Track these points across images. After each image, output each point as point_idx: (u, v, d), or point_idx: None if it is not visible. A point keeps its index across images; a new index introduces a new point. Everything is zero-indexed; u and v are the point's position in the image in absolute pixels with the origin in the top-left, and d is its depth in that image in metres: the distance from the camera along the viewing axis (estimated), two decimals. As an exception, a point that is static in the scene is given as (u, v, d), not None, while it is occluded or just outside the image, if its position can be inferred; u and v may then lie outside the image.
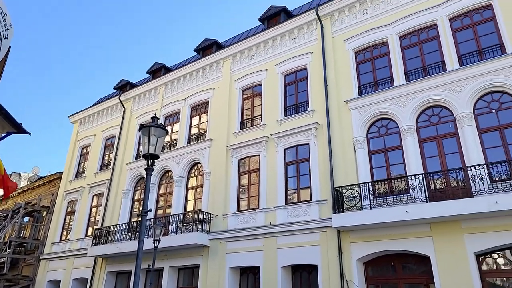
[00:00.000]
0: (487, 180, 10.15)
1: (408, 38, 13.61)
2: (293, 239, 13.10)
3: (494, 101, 11.37)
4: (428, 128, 12.21)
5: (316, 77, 15.01)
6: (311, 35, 15.90)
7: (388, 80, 13.42)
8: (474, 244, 10.09)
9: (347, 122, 13.54)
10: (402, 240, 11.11)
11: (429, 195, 10.84)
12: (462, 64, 12.10)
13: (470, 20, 12.57)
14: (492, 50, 11.75)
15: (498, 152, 10.79)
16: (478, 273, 9.96)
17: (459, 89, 11.75)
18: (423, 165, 11.74)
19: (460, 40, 12.50)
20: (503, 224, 9.88)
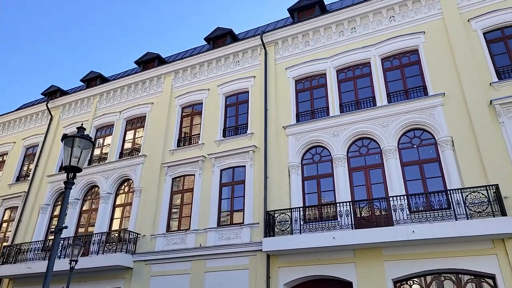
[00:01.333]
0: (407, 210, 10.84)
1: (344, 73, 14.45)
2: (222, 263, 12.78)
3: (416, 137, 12.33)
4: (357, 158, 12.86)
5: (257, 101, 15.25)
6: (255, 59, 16.26)
7: (324, 110, 14.03)
8: (392, 271, 10.62)
9: (284, 147, 13.82)
10: (328, 265, 11.36)
11: (355, 222, 11.28)
12: (390, 101, 13.05)
13: (399, 61, 13.71)
14: (417, 91, 12.86)
15: (417, 184, 11.62)
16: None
17: (387, 124, 12.60)
18: (351, 193, 12.26)
19: (390, 79, 13.53)
20: (419, 252, 10.53)
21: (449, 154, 11.40)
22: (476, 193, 10.15)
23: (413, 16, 13.89)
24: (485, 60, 12.13)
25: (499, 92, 11.52)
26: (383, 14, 14.34)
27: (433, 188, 11.38)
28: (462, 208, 10.20)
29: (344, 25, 14.89)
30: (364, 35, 14.44)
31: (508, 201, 10.05)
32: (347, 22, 14.82)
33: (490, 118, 11.27)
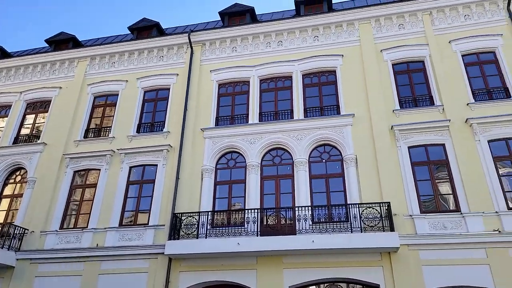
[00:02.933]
0: (309, 221, 11.31)
1: (267, 83, 14.76)
2: (120, 265, 11.98)
3: (325, 152, 13.02)
4: (270, 167, 13.13)
5: (177, 99, 14.81)
6: (180, 57, 15.83)
7: (244, 117, 14.13)
8: (290, 278, 10.96)
9: (200, 149, 13.57)
10: (230, 271, 11.31)
11: (261, 230, 11.43)
12: (306, 116, 13.62)
13: (318, 79, 14.44)
14: (331, 109, 13.62)
15: (321, 197, 12.22)
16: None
17: (301, 137, 13.11)
18: (260, 200, 12.44)
19: (308, 95, 14.15)
20: (317, 261, 11.03)
21: (352, 171, 12.22)
22: (371, 209, 10.98)
23: (335, 39, 14.79)
24: (391, 89, 13.35)
25: (400, 119, 12.73)
26: (308, 33, 15.02)
27: (336, 201, 12.07)
28: (358, 221, 10.95)
29: (271, 37, 15.27)
30: (290, 49, 14.97)
31: (397, 218, 11.06)
32: (275, 35, 15.24)
33: (390, 142, 12.38)
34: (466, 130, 12.12)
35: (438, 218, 11.12)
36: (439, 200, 11.69)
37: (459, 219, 11.01)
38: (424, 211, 11.40)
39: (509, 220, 10.67)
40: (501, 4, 13.81)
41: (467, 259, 10.46)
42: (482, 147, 11.83)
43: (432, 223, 11.09)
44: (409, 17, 14.43)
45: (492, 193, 11.12)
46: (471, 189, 11.24)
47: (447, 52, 13.53)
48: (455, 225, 10.96)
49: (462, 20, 14.04)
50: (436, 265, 10.52)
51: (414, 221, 11.14)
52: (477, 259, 10.42)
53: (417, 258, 10.67)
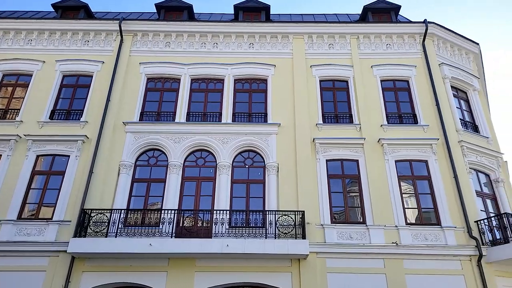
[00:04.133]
0: (226, 225, 11.31)
1: (198, 83, 14.56)
2: (15, 262, 10.82)
3: (249, 158, 13.18)
4: (193, 168, 12.92)
5: (101, 89, 13.92)
6: (107, 44, 14.94)
7: (171, 115, 13.75)
8: (202, 282, 10.82)
9: (120, 144, 12.88)
10: (139, 273, 10.83)
11: (176, 231, 11.15)
12: (234, 120, 13.68)
13: (249, 86, 14.62)
14: (259, 116, 13.86)
15: (241, 202, 12.32)
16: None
17: (227, 141, 13.12)
18: (179, 201, 12.16)
19: (238, 100, 14.23)
20: (231, 265, 11.05)
21: (273, 179, 12.53)
22: (287, 216, 11.33)
23: (269, 49, 15.14)
24: (316, 103, 14.00)
25: (322, 133, 13.39)
26: (244, 39, 15.17)
27: (254, 207, 12.25)
28: (273, 228, 11.23)
29: (207, 37, 15.14)
30: (224, 53, 14.97)
31: (310, 226, 11.55)
32: (211, 36, 15.13)
33: (310, 153, 12.94)
34: (378, 149, 13.14)
35: (346, 229, 11.85)
36: (348, 212, 12.49)
37: (364, 230, 11.85)
38: (335, 222, 12.09)
39: (406, 234, 11.75)
40: (418, 39, 15.31)
41: (367, 268, 11.27)
42: (390, 166, 12.92)
43: (340, 233, 11.78)
44: (338, 38, 15.31)
45: (394, 208, 12.17)
46: (377, 203, 12.18)
47: (368, 76, 14.60)
48: (360, 236, 11.77)
49: (384, 48, 15.28)
50: (340, 273, 11.17)
51: (324, 230, 11.74)
52: (376, 269, 11.29)
53: (323, 265, 11.24)
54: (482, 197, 13.01)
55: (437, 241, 11.71)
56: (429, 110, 13.92)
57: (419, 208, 12.50)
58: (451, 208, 12.17)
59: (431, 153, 13.10)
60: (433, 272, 11.25)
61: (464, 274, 11.23)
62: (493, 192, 13.40)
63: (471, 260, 11.37)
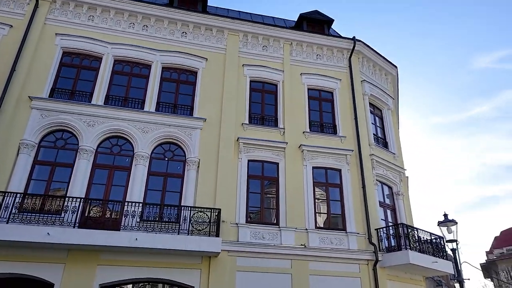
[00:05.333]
0: (138, 218, 10.74)
1: (122, 65, 13.63)
2: None
3: (170, 151, 12.70)
4: (107, 156, 12.07)
5: (6, 56, 12.28)
6: (19, 7, 13.24)
7: (88, 95, 12.68)
8: (104, 276, 10.22)
9: (23, 120, 11.53)
10: (31, 263, 9.84)
11: (80, 221, 10.28)
12: (158, 110, 13.08)
13: (178, 76, 14.09)
14: (184, 109, 13.42)
15: (156, 195, 11.82)
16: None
17: (147, 131, 12.49)
18: (87, 190, 11.27)
19: (164, 89, 13.63)
20: (139, 260, 10.58)
21: (193, 174, 12.24)
22: (202, 213, 11.14)
23: (203, 41, 14.76)
24: (244, 103, 14.01)
25: (246, 133, 13.44)
26: (177, 26, 14.60)
27: (170, 201, 11.85)
28: (187, 224, 10.95)
29: (137, 18, 14.25)
30: (154, 37, 14.23)
31: (225, 225, 11.52)
32: (141, 17, 14.28)
33: (233, 152, 12.91)
34: (298, 155, 13.60)
35: (260, 229, 12.06)
36: (264, 212, 12.73)
37: (276, 231, 12.17)
38: (249, 221, 12.22)
39: (314, 237, 12.33)
40: (346, 54, 16.18)
41: (275, 268, 11.61)
42: (307, 171, 13.45)
43: (254, 233, 11.95)
44: (273, 42, 15.52)
45: (306, 212, 12.70)
46: (291, 206, 12.60)
47: (297, 83, 15.05)
48: (272, 237, 12.06)
49: (314, 58, 15.86)
50: (249, 272, 11.34)
51: (238, 229, 11.80)
52: (284, 268, 11.68)
53: (234, 264, 11.29)
54: (383, 207, 14.20)
55: (341, 245, 12.48)
56: (348, 122, 14.79)
57: (328, 213, 13.22)
58: (356, 216, 13.07)
59: (345, 163, 13.93)
60: (334, 273, 11.98)
61: (360, 277, 12.14)
62: (393, 203, 14.71)
63: (368, 264, 12.33)
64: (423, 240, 12.68)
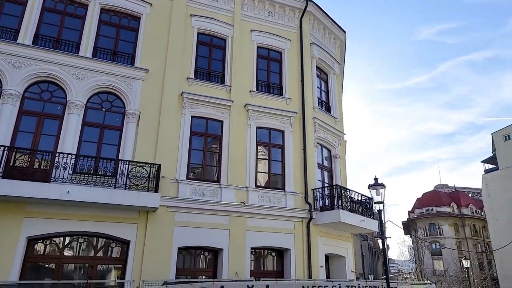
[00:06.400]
0: (70, 170, 10.17)
1: (54, 1, 12.24)
2: None
3: (107, 101, 11.97)
4: (36, 102, 11.11)
5: None
6: None
7: (13, 33, 11.35)
8: (31, 228, 9.77)
9: None
10: None
11: (4, 172, 9.51)
12: (95, 56, 12.10)
13: (119, 20, 13.01)
14: (125, 57, 12.55)
15: (91, 146, 11.23)
16: (23, 256, 9.68)
17: (83, 77, 11.59)
18: (12, 137, 10.38)
19: (103, 33, 12.58)
20: (71, 213, 10.23)
21: (132, 127, 11.72)
22: (141, 168, 10.82)
23: (150, -16, 13.60)
24: (190, 56, 13.42)
25: (191, 88, 13.00)
26: (121, -36, 13.24)
27: (107, 154, 11.34)
28: (125, 178, 10.61)
29: (74, -50, 12.68)
30: (93, -26, 12.82)
31: (164, 180, 11.31)
32: (79, -51, 12.73)
33: (176, 107, 12.50)
34: (243, 114, 13.52)
35: (200, 186, 12.07)
36: (205, 170, 12.70)
37: (217, 189, 12.27)
38: (190, 178, 12.15)
39: (254, 195, 12.65)
40: (297, 14, 15.92)
41: (214, 224, 11.84)
42: (251, 131, 13.50)
43: (194, 189, 11.94)
44: (224, -7, 14.75)
45: (248, 171, 12.89)
46: (233, 165, 12.68)
47: (247, 40, 14.64)
48: (212, 194, 12.16)
49: (265, 14, 15.42)
50: (187, 227, 11.46)
51: (179, 185, 11.71)
52: (222, 224, 11.95)
53: (172, 219, 11.29)
54: (321, 169, 14.84)
55: (279, 203, 12.97)
56: (294, 84, 14.87)
57: (269, 173, 13.55)
58: (296, 176, 13.54)
59: (289, 124, 14.15)
60: (270, 230, 12.53)
61: (295, 233, 12.83)
62: (330, 165, 15.42)
63: (302, 222, 13.02)
64: (354, 201, 13.58)
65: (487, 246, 53.09)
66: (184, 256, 11.78)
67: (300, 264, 12.52)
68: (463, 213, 57.15)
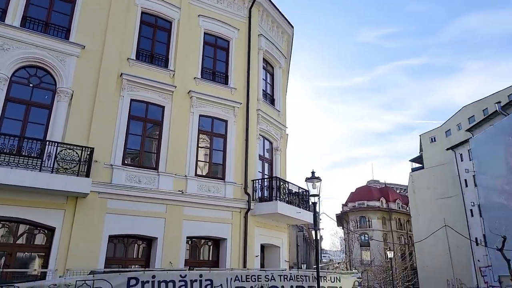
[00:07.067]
0: (-12, 150, 9.20)
1: (-23, -40, 10.90)
2: None
3: (36, 76, 10.99)
4: (-52, 71, 9.83)
5: None
6: None
7: None
8: None
9: None
10: None
11: None
12: (24, 26, 11.01)
13: (55, -10, 11.92)
14: (59, 30, 11.57)
15: (15, 124, 10.26)
16: None
17: (8, 48, 10.51)
18: None
19: (34, 2, 11.46)
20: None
21: (63, 107, 10.90)
22: (72, 151, 10.10)
23: (89, -47, 12.61)
24: (132, 36, 12.74)
25: (132, 69, 12.37)
26: None
27: (33, 134, 10.42)
28: (52, 161, 9.84)
29: None
30: None
31: (97, 165, 10.69)
32: None
33: (115, 89, 11.83)
34: (186, 101, 13.18)
35: (137, 172, 11.60)
36: (143, 156, 12.22)
37: (154, 176, 11.88)
38: (126, 164, 11.62)
39: (193, 184, 12.44)
40: (247, 3, 15.78)
41: (150, 212, 11.46)
42: (194, 119, 13.21)
43: (130, 175, 11.45)
44: (172, -27, 14.16)
45: (188, 159, 12.63)
46: (173, 152, 12.35)
47: (193, 24, 14.23)
48: (149, 181, 11.75)
49: (214, 1, 15.08)
50: (120, 214, 10.97)
51: (113, 171, 11.14)
52: (158, 213, 11.62)
53: (104, 206, 10.74)
54: (262, 161, 15.00)
55: (218, 193, 12.90)
56: (240, 75, 14.79)
57: (210, 162, 13.41)
58: (236, 166, 13.54)
59: (233, 114, 14.08)
60: (207, 219, 12.44)
61: (232, 223, 12.88)
62: (271, 157, 15.65)
63: (240, 212, 13.09)
64: (292, 193, 13.93)
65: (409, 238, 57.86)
66: (115, 244, 11.28)
67: (236, 254, 12.60)
68: (390, 208, 61.59)
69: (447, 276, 43.05)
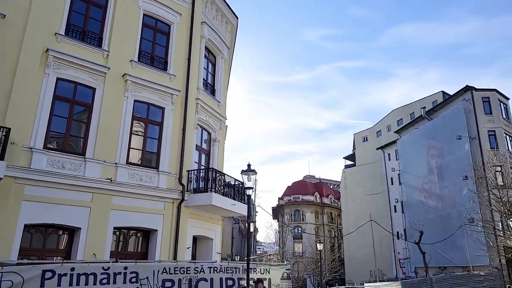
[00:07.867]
0: None
1: None
2: None
3: None
4: None
5: None
6: None
7: None
8: None
9: None
10: None
11: None
12: None
13: None
14: (-26, -7, 10.26)
15: None
16: None
17: None
18: None
19: None
20: None
21: (-25, 80, 9.70)
22: (-18, 130, 9.05)
23: None
24: (62, 8, 11.71)
25: (59, 46, 11.37)
26: None
27: None
28: (-43, 141, 8.73)
29: None
30: None
31: (15, 147, 9.74)
32: None
33: (38, 65, 10.81)
34: (120, 84, 12.46)
35: (60, 157, 10.73)
36: (68, 140, 11.35)
37: (81, 162, 11.09)
38: (49, 148, 10.70)
39: (123, 172, 11.81)
40: (191, -12, 15.25)
41: (73, 200, 10.69)
42: (128, 104, 12.53)
43: (52, 160, 10.56)
44: None
45: (119, 146, 11.96)
46: (103, 138, 11.61)
47: (132, 4, 13.42)
48: (74, 167, 10.93)
49: (156, -18, 14.36)
50: (39, 202, 10.10)
51: (32, 155, 10.20)
52: (83, 202, 10.88)
53: (20, 192, 9.81)
54: (199, 151, 14.72)
55: (150, 182, 12.39)
56: (180, 61, 14.30)
57: (143, 150, 12.85)
58: (172, 156, 13.12)
59: (170, 102, 13.59)
60: (138, 209, 11.91)
61: (164, 214, 12.47)
62: (209, 148, 15.42)
63: (173, 203, 12.72)
64: (228, 185, 13.84)
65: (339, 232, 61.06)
66: (32, 234, 10.37)
67: (166, 245, 12.23)
68: (323, 202, 64.45)
69: (370, 267, 46.20)
